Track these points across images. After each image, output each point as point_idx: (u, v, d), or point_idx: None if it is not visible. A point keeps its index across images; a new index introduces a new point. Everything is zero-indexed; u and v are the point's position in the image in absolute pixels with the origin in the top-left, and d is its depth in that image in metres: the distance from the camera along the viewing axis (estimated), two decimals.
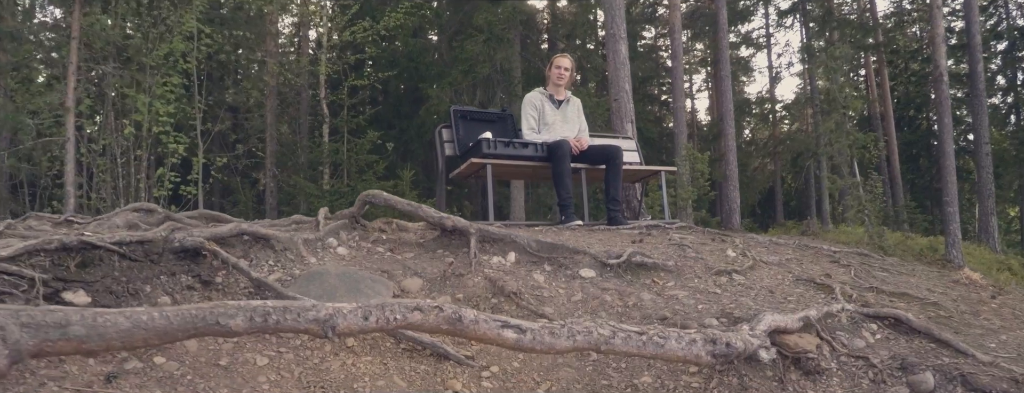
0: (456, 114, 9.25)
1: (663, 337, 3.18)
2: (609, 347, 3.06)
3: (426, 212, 5.40)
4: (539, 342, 2.92)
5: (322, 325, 2.60)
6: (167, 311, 2.34)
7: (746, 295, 5.05)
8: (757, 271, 5.82)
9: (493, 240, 5.29)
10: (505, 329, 2.89)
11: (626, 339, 3.08)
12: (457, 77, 17.12)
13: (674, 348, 3.20)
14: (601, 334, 3.04)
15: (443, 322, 2.85)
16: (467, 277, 4.83)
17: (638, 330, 3.16)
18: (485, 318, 2.89)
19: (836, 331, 4.69)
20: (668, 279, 5.27)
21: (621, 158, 8.42)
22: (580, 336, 3.00)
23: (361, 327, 2.71)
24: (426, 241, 5.50)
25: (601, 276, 5.08)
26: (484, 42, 16.85)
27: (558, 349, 2.97)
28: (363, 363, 3.85)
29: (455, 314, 2.86)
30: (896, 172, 26.00)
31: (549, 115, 8.67)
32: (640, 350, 3.14)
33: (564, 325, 3.00)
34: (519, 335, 2.90)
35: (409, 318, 2.81)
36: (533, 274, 4.98)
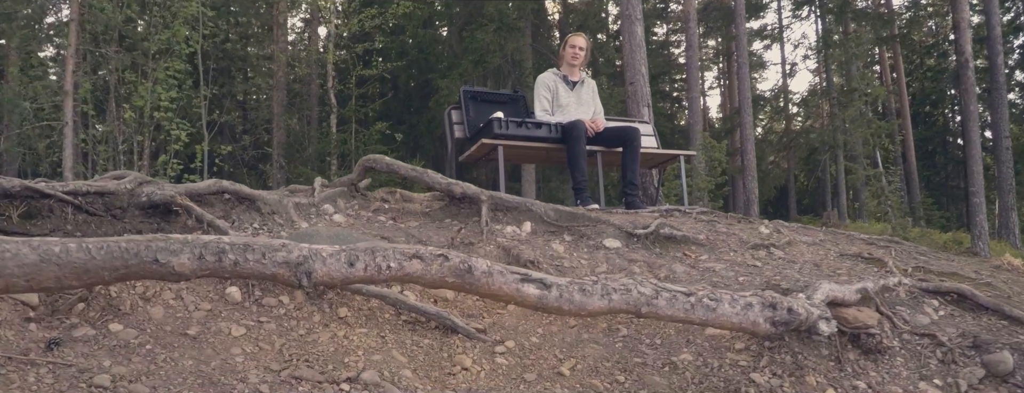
0: (466, 95, 8.68)
1: (715, 299, 2.59)
2: (651, 309, 2.47)
3: (432, 178, 4.83)
4: (567, 300, 2.33)
5: (294, 270, 2.03)
6: (89, 243, 1.76)
7: (789, 268, 4.45)
8: (796, 247, 5.21)
9: (507, 208, 4.71)
10: (525, 284, 2.31)
11: (671, 300, 2.49)
12: (467, 67, 16.56)
13: (728, 313, 2.61)
14: (642, 293, 2.44)
15: (449, 273, 2.27)
16: (478, 246, 4.25)
17: (685, 290, 2.56)
18: (500, 269, 2.31)
19: (896, 306, 4.09)
20: (701, 252, 4.67)
21: (639, 140, 7.82)
22: (616, 295, 2.41)
23: (345, 275, 2.13)
24: (433, 210, 4.93)
25: (627, 247, 4.49)
26: (495, 31, 16.29)
27: (590, 310, 2.38)
28: (357, 336, 3.27)
29: (464, 264, 2.27)
30: (912, 168, 25.29)
31: (563, 97, 8.08)
32: (687, 314, 2.54)
33: (597, 281, 2.42)
34: (542, 291, 2.32)
35: (406, 267, 2.23)
36: (552, 244, 4.39)
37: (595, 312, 2.40)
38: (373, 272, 2.19)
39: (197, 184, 3.94)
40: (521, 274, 2.34)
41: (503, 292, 2.31)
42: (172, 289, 3.35)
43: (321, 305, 3.46)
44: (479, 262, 2.32)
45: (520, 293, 2.31)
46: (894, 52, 25.48)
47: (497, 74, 16.84)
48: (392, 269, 2.21)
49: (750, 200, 14.17)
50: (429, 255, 2.29)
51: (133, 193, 3.43)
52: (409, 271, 2.25)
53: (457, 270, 2.28)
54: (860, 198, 21.55)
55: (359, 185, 5.07)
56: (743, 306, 2.64)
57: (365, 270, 2.18)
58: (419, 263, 2.26)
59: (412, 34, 17.62)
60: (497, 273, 2.30)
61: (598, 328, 3.60)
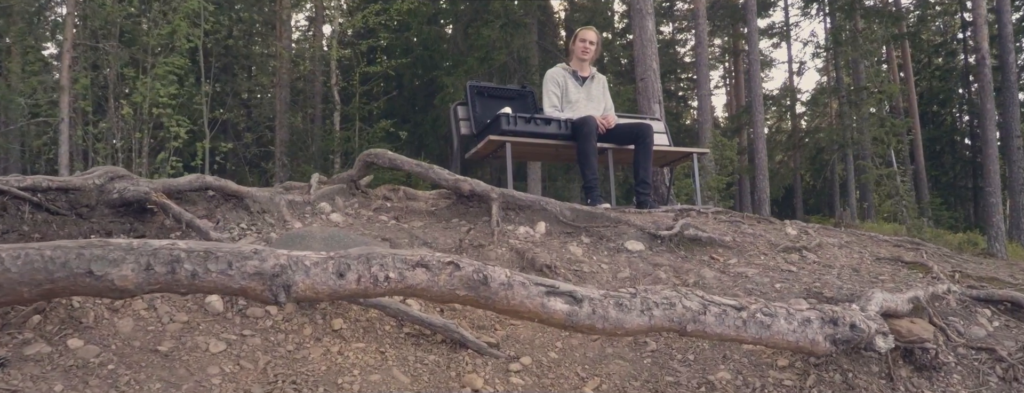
0: (473, 90, 8.27)
1: (770, 314, 2.17)
2: (698, 327, 2.06)
3: (439, 174, 4.42)
4: (601, 317, 1.92)
5: (269, 283, 1.62)
6: (2, 251, 1.35)
7: (828, 274, 4.03)
8: (827, 250, 4.79)
9: (519, 207, 4.29)
10: (552, 298, 1.90)
11: (721, 316, 2.08)
12: (473, 65, 16.13)
13: (784, 330, 2.19)
14: (688, 308, 2.03)
15: (460, 286, 1.86)
16: (488, 248, 3.84)
17: (735, 304, 2.15)
18: (523, 281, 1.90)
19: (948, 317, 3.67)
20: (729, 256, 4.26)
21: (652, 137, 7.40)
22: (659, 310, 1.99)
23: (333, 289, 1.72)
24: (439, 209, 4.52)
25: (651, 250, 4.08)
26: (501, 28, 15.86)
27: (628, 329, 1.97)
28: (353, 352, 2.86)
29: (478, 274, 1.87)
30: (921, 168, 24.78)
31: (572, 92, 7.65)
32: (738, 332, 2.13)
33: (635, 294, 2.00)
34: (572, 306, 1.91)
35: (409, 278, 1.82)
36: (569, 246, 3.98)
37: (633, 331, 1.99)
38: (368, 284, 1.78)
39: (177, 180, 3.53)
40: (547, 286, 1.93)
41: (525, 309, 1.90)
42: (143, 298, 2.94)
43: (313, 316, 3.05)
44: (497, 272, 1.91)
45: (546, 310, 1.90)
46: (903, 51, 24.99)
47: (503, 71, 16.41)
48: (391, 281, 1.81)
49: (761, 199, 13.74)
50: (437, 263, 1.88)
51: (103, 189, 3.03)
52: (412, 283, 1.84)
53: (470, 282, 1.87)
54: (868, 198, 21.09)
55: (359, 182, 4.66)
56: (801, 322, 2.23)
57: (358, 282, 1.77)
58: (424, 273, 1.86)
59: (417, 31, 17.19)
60: (518, 285, 1.89)
61: (623, 342, 3.18)
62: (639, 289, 2.02)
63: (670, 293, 2.05)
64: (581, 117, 7.05)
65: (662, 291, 2.04)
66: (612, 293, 1.98)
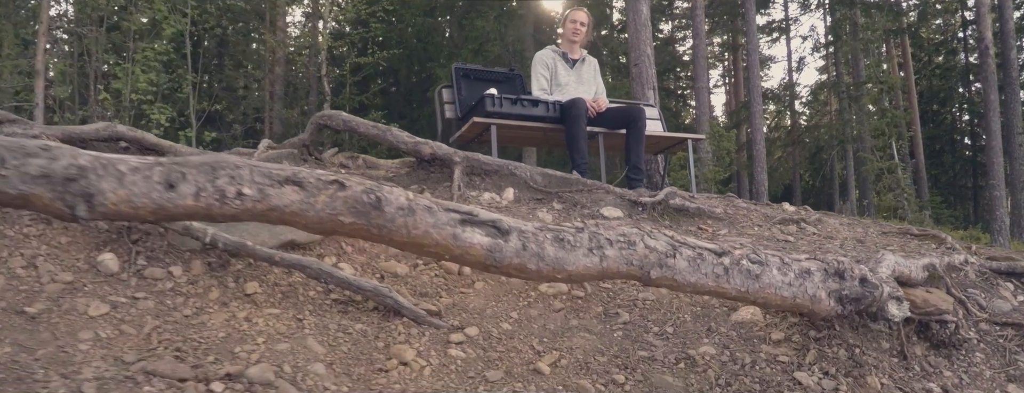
0: (458, 72, 7.79)
1: (759, 262, 1.69)
2: (665, 274, 1.56)
3: (397, 136, 3.94)
4: (534, 256, 1.44)
5: (60, 190, 1.12)
6: None
7: (829, 244, 3.53)
8: (828, 224, 4.30)
9: (485, 172, 3.81)
10: (468, 228, 1.42)
11: (695, 261, 1.59)
12: (467, 56, 15.65)
13: (777, 283, 1.70)
14: (651, 248, 1.55)
15: (344, 210, 1.38)
16: None
17: (715, 248, 1.66)
18: (429, 205, 1.41)
19: (967, 289, 3.17)
20: (719, 227, 3.77)
21: (644, 120, 6.91)
22: (613, 250, 1.51)
23: (158, 204, 1.24)
24: (398, 176, 4.03)
25: (630, 218, 3.58)
26: (495, 19, 15.39)
27: (572, 272, 1.48)
28: (264, 318, 2.38)
29: (370, 195, 1.38)
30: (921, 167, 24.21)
31: (562, 75, 7.16)
32: (718, 283, 1.64)
33: (583, 228, 1.50)
34: (495, 240, 1.42)
35: (273, 197, 1.34)
36: (537, 213, 3.49)
37: (579, 275, 1.49)
38: (211, 201, 1.29)
39: (82, 127, 3.06)
40: (462, 213, 1.44)
41: (432, 241, 1.41)
42: (24, 254, 2.46)
43: (224, 278, 2.57)
44: (395, 194, 1.42)
45: (460, 243, 1.41)
46: (903, 48, 24.46)
47: (498, 64, 15.93)
48: (246, 199, 1.32)
49: (759, 193, 13.23)
50: (314, 180, 1.40)
51: None
52: (278, 203, 1.35)
53: (358, 205, 1.39)
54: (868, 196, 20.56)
55: (311, 147, 4.18)
56: (798, 274, 1.74)
57: (196, 197, 1.28)
58: (296, 192, 1.37)
59: (411, 23, 16.71)
60: (423, 211, 1.40)
61: (592, 312, 2.69)
62: (588, 223, 1.53)
63: (629, 229, 1.56)
64: (570, 99, 6.61)
65: (619, 227, 1.55)
66: (552, 226, 1.49)
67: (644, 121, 6.85)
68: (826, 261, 1.83)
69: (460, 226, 1.42)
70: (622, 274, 1.54)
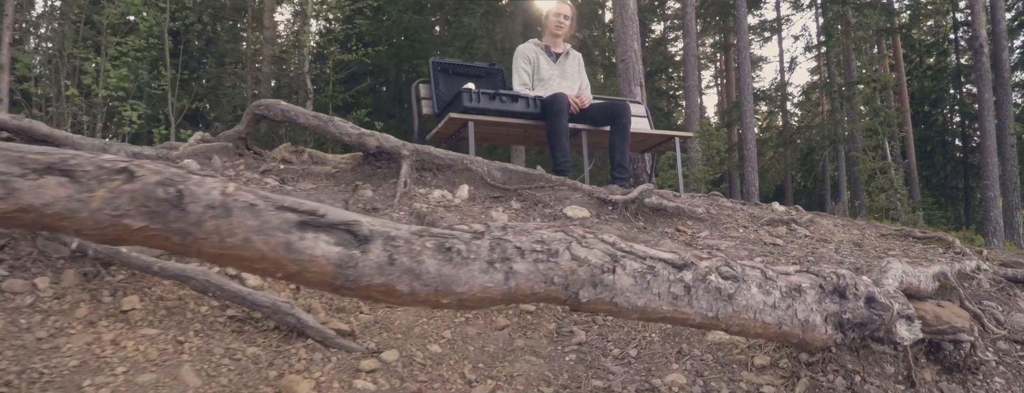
0: (436, 67, 7.33)
1: (733, 277, 1.22)
2: (601, 295, 1.11)
3: (340, 127, 3.48)
4: (407, 272, 0.98)
5: None
6: None
7: (823, 248, 3.08)
8: (821, 225, 3.84)
9: (438, 167, 3.35)
10: (308, 234, 0.95)
11: (644, 277, 1.13)
12: (455, 54, 15.21)
13: (756, 304, 1.26)
14: (581, 259, 1.08)
15: (132, 208, 0.93)
16: (385, 213, 2.89)
17: (673, 258, 1.19)
18: (253, 202, 0.93)
19: (982, 300, 2.72)
20: (700, 228, 3.31)
21: (629, 117, 6.48)
22: (525, 263, 1.05)
23: None
24: (342, 171, 3.58)
25: (598, 218, 3.13)
26: (482, 16, 14.93)
27: (464, 293, 1.03)
28: (135, 341, 1.92)
29: (168, 188, 0.91)
30: (912, 168, 23.80)
31: (545, 70, 6.69)
32: (675, 307, 1.19)
33: (482, 233, 1.04)
34: (347, 251, 0.95)
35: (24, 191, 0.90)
36: (492, 212, 3.03)
37: (475, 298, 1.04)
38: None
39: None
40: (303, 213, 0.98)
41: (257, 252, 0.96)
42: None
43: (99, 291, 2.11)
44: (205, 186, 0.96)
45: (296, 255, 0.96)
46: (894, 49, 24.05)
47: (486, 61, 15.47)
48: None
49: (750, 193, 12.78)
50: (92, 167, 0.94)
51: None
52: (33, 201, 0.91)
53: (150, 201, 0.94)
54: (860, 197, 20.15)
55: (248, 139, 3.72)
56: (786, 292, 1.29)
57: None
58: (62, 184, 0.93)
59: (397, 19, 16.22)
60: (242, 210, 0.95)
61: (542, 330, 2.23)
62: (492, 226, 1.08)
63: (550, 234, 1.11)
64: (551, 94, 6.19)
65: (536, 231, 1.10)
66: (436, 229, 1.04)
67: (629, 118, 6.41)
68: (822, 275, 1.39)
69: (297, 231, 0.97)
70: (539, 296, 1.09)
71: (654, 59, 27.14)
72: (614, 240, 1.18)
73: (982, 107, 14.81)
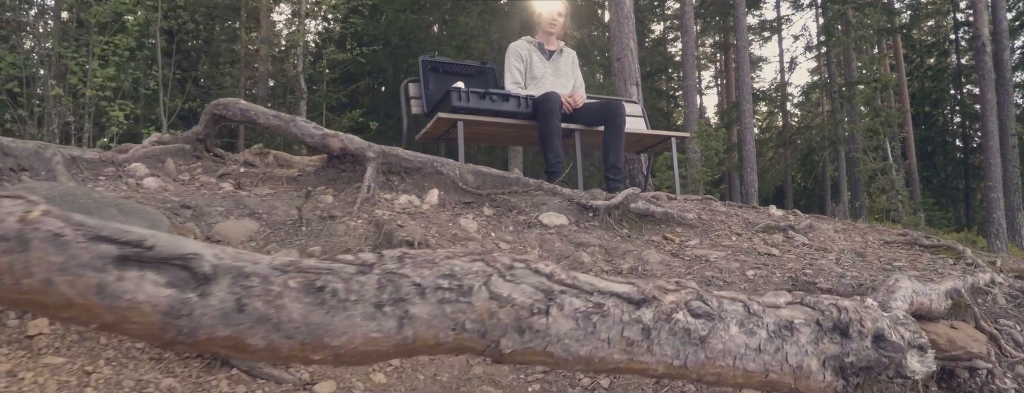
0: (425, 66, 7.08)
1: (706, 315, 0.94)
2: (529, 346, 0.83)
3: (302, 128, 3.21)
4: (261, 320, 0.69)
5: None
6: None
7: (823, 259, 2.80)
8: (821, 232, 3.57)
9: (406, 171, 3.08)
10: (130, 272, 0.66)
11: (588, 319, 0.85)
12: (451, 54, 14.95)
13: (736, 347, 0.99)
14: (504, 300, 0.79)
15: None
16: (340, 221, 2.63)
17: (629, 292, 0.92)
18: (56, 232, 0.65)
19: (998, 318, 2.45)
20: (689, 235, 3.04)
21: (623, 117, 6.23)
22: (427, 305, 0.76)
23: None
24: (305, 175, 3.31)
25: (577, 225, 2.86)
26: (478, 15, 14.67)
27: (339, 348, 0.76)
28: (35, 371, 1.65)
29: None
30: (913, 168, 23.49)
31: (537, 67, 6.43)
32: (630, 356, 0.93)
33: (373, 264, 0.77)
34: (181, 295, 0.67)
35: None
36: (461, 219, 2.76)
37: (357, 352, 0.78)
38: None
39: None
40: (125, 244, 0.70)
41: (60, 298, 0.67)
42: None
43: (4, 314, 1.84)
44: (1, 209, 0.68)
45: (109, 299, 0.68)
46: (895, 49, 23.74)
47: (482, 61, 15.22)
48: None
49: (749, 194, 12.50)
50: None
51: None
52: None
53: None
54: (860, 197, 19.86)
55: (207, 140, 3.46)
56: (774, 331, 1.02)
57: None
58: None
59: (393, 18, 15.96)
60: (44, 241, 0.68)
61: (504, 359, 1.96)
62: (386, 255, 0.81)
63: (465, 264, 0.85)
64: (543, 93, 5.92)
65: (446, 261, 0.83)
66: (307, 262, 0.78)
67: (623, 117, 6.15)
68: (820, 308, 1.12)
69: (115, 269, 0.71)
70: (446, 347, 0.83)
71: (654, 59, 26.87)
72: (551, 270, 0.92)
73: (984, 107, 14.52)
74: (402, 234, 2.38)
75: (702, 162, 11.72)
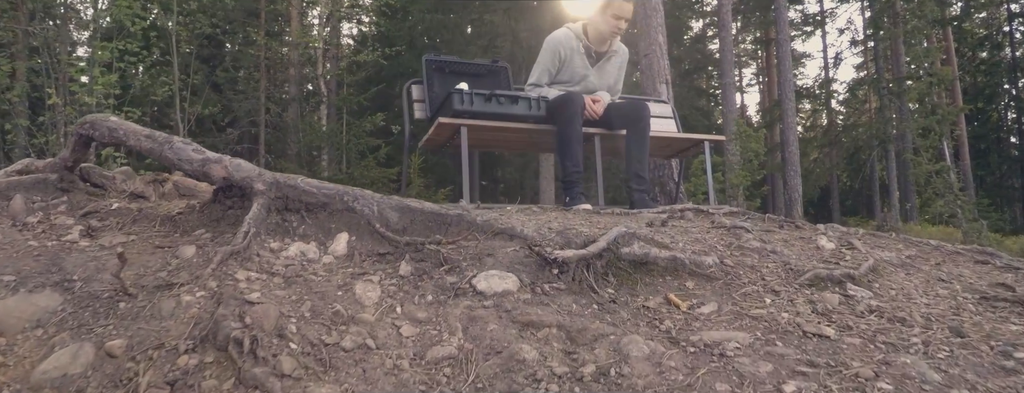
0: (430, 65, 6.19)
1: None
2: None
3: (179, 151, 2.33)
4: None
5: None
6: None
7: (902, 344, 1.81)
8: (887, 277, 2.58)
9: (309, 208, 2.18)
10: None
11: None
12: (476, 54, 14.08)
13: None
14: None
15: None
16: (176, 293, 1.72)
17: None
18: None
19: None
20: (704, 296, 2.08)
21: (648, 118, 5.23)
22: None
23: None
24: (189, 213, 2.42)
25: (532, 290, 1.91)
26: (505, 12, 13.76)
27: None
28: None
29: None
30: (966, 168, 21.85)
31: (578, 70, 5.37)
32: None
33: None
34: None
35: None
36: (357, 285, 1.84)
37: None
38: None
39: None
40: None
41: None
42: None
43: None
44: None
45: None
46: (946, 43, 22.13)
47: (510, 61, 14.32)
48: None
49: (793, 199, 11.34)
50: None
51: None
52: None
53: None
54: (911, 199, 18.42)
55: (79, 168, 2.60)
56: None
57: None
58: None
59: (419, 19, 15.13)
60: None
61: None
62: None
63: None
64: (563, 94, 4.97)
65: None
66: None
67: (648, 120, 5.20)
68: None
69: None
70: None
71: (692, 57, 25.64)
72: None
73: None
74: (235, 326, 1.46)
75: (741, 165, 10.62)
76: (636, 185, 4.91)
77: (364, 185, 11.08)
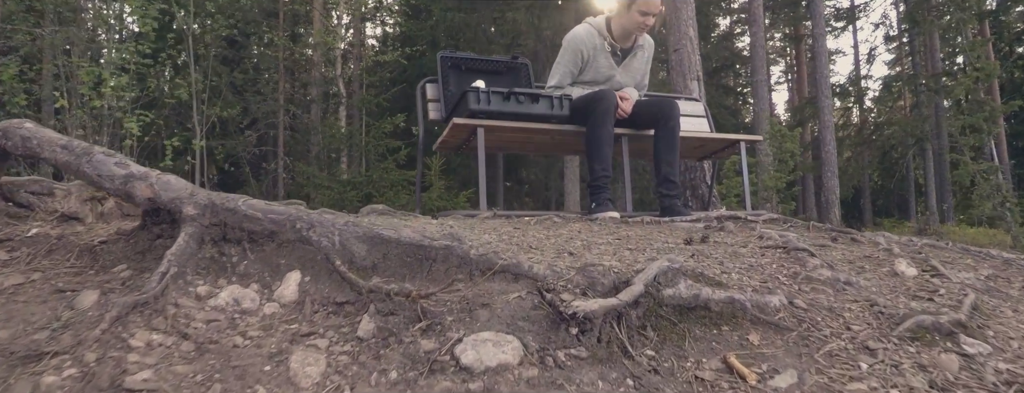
0: (446, 63, 5.78)
1: None
2: None
3: (99, 166, 1.81)
4: None
5: None
6: None
7: None
8: (994, 316, 1.99)
9: (253, 238, 1.64)
10: None
11: None
12: (499, 52, 13.53)
13: None
14: None
15: None
16: (42, 367, 1.18)
17: None
18: None
19: None
20: (776, 357, 1.50)
21: (677, 118, 4.75)
22: None
23: None
24: (115, 240, 1.89)
25: (540, 359, 1.34)
26: (527, 10, 13.21)
27: None
28: None
29: None
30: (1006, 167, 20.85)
31: (603, 68, 4.94)
32: None
33: None
34: None
35: None
36: (295, 356, 1.28)
37: None
38: None
39: None
40: None
41: None
42: None
43: None
44: None
45: None
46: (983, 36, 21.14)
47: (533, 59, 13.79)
48: None
49: (830, 201, 10.66)
50: None
51: None
52: None
53: None
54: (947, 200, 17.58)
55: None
56: None
57: None
58: None
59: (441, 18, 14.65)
60: None
61: None
62: None
63: None
64: (595, 91, 4.50)
65: None
66: None
67: (677, 119, 4.70)
68: None
69: None
70: None
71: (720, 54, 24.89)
72: None
73: None
74: None
75: (776, 166, 9.98)
76: (666, 190, 4.43)
77: (384, 188, 10.60)
